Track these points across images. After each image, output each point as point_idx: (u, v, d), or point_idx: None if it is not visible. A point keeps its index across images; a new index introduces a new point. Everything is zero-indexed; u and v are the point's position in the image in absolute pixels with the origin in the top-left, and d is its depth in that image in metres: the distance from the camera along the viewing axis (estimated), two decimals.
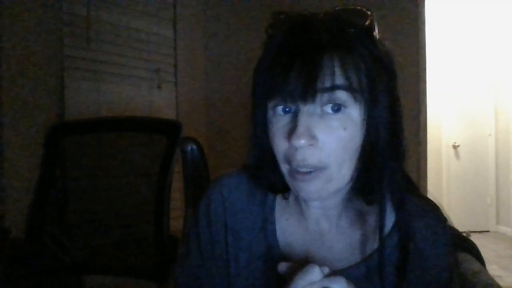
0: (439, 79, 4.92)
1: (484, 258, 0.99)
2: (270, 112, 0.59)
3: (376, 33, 0.59)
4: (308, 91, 0.54)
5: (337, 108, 0.55)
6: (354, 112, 0.56)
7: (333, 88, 0.54)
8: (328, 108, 0.55)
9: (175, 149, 1.33)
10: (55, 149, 1.46)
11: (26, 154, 1.59)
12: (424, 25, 2.73)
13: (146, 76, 2.22)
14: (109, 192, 1.48)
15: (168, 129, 1.37)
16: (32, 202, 1.42)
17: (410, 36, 2.66)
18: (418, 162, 2.63)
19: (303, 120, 0.54)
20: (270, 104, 0.58)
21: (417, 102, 2.67)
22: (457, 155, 5.17)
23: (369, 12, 0.58)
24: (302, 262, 0.54)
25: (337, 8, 0.58)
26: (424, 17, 2.72)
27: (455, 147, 5.14)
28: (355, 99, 0.55)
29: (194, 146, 1.29)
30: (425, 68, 2.73)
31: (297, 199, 0.66)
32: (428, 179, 2.79)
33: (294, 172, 0.57)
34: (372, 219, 0.64)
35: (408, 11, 2.66)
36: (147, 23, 2.22)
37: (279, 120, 0.58)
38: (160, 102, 2.29)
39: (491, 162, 5.11)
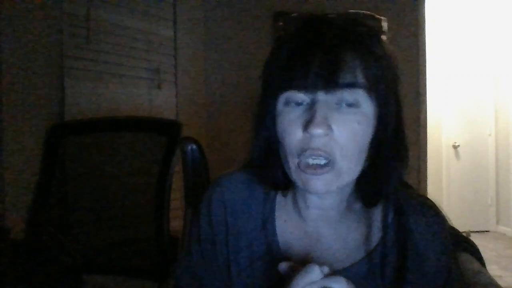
0: (439, 79, 4.91)
1: (484, 258, 0.99)
2: (279, 106, 0.59)
3: (384, 36, 0.61)
4: (331, 82, 0.55)
5: (353, 103, 0.57)
6: (368, 109, 0.58)
7: (354, 85, 0.56)
8: (344, 103, 0.57)
9: (175, 149, 1.32)
10: (55, 149, 1.46)
11: (26, 154, 1.59)
12: (424, 25, 2.73)
13: (146, 76, 2.22)
14: (109, 192, 1.48)
15: (168, 129, 1.37)
16: (32, 202, 1.42)
17: (410, 36, 2.66)
18: (418, 162, 2.63)
19: (320, 110, 0.56)
20: (282, 97, 0.59)
21: (417, 102, 2.67)
22: (457, 155, 5.16)
23: (378, 17, 0.61)
24: (302, 262, 0.54)
25: (349, 11, 0.61)
26: (424, 17, 2.72)
27: (455, 147, 5.14)
28: (370, 97, 0.57)
29: (194, 146, 1.29)
30: (425, 68, 2.74)
31: (296, 199, 0.66)
32: (428, 179, 2.80)
33: (304, 166, 0.57)
34: (370, 220, 0.65)
35: (408, 11, 2.67)
36: (147, 23, 2.22)
37: (291, 111, 0.58)
38: (160, 102, 2.28)
39: (491, 162, 5.11)
